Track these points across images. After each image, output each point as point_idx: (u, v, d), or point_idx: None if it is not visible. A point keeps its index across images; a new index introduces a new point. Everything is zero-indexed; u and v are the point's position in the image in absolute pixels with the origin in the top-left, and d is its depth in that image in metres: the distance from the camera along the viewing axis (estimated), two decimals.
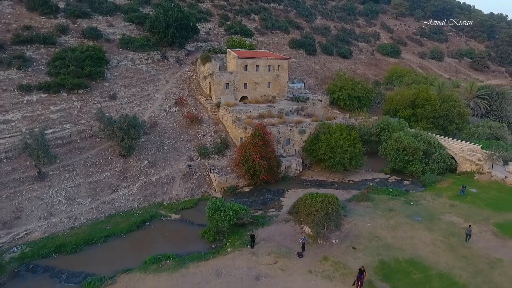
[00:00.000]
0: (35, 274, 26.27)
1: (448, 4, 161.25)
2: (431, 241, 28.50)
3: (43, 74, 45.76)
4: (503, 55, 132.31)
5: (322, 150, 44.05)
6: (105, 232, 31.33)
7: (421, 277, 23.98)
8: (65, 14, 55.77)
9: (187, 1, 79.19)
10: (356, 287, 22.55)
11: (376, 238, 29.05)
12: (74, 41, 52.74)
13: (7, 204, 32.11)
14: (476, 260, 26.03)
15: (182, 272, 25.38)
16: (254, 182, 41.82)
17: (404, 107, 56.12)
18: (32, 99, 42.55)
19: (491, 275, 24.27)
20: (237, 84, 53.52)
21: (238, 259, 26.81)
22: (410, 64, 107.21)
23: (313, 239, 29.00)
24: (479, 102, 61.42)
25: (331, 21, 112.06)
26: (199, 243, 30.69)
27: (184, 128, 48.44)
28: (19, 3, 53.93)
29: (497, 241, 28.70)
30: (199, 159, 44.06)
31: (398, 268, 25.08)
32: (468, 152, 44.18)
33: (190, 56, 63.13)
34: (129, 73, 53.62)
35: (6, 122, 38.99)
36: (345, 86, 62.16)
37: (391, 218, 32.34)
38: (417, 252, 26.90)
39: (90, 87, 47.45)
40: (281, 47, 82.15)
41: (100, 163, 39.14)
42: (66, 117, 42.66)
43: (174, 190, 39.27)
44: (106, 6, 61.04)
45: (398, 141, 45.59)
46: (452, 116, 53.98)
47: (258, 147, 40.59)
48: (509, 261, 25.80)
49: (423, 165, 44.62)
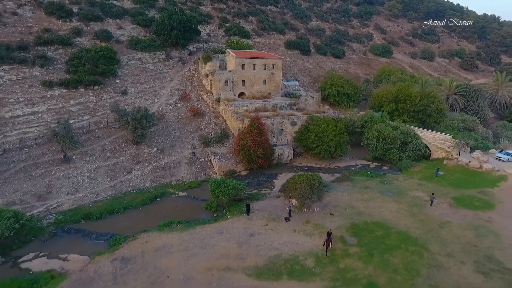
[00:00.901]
0: (70, 235, 32.48)
1: (441, 5, 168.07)
2: (396, 210, 34.86)
3: (63, 72, 52.08)
4: (492, 55, 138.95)
5: (311, 140, 50.40)
6: (123, 205, 37.58)
7: (382, 233, 30.30)
8: (79, 18, 62.08)
9: (189, 5, 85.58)
10: (325, 246, 28.38)
11: (350, 207, 35.39)
12: (88, 42, 59.06)
13: (40, 182, 38.38)
14: (429, 222, 32.38)
15: (191, 231, 31.65)
16: (250, 167, 48.11)
17: (387, 103, 62.50)
18: (55, 93, 48.86)
19: (439, 232, 30.59)
20: (236, 81, 59.84)
21: (236, 223, 33.11)
22: (401, 63, 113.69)
23: (299, 208, 35.31)
24: (457, 98, 67.90)
25: (325, 22, 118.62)
26: (203, 213, 36.94)
27: (188, 120, 54.77)
28: (38, 8, 60.25)
29: (451, 209, 35.05)
30: (202, 147, 50.39)
31: (365, 227, 31.40)
32: (439, 141, 50.62)
33: (192, 56, 69.50)
34: (137, 71, 59.96)
35: (34, 114, 45.27)
36: (335, 84, 68.64)
37: (366, 193, 38.72)
38: (383, 217, 33.25)
39: (103, 84, 53.76)
40: (277, 47, 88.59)
41: (116, 149, 45.44)
42: (84, 109, 48.99)
43: (180, 173, 45.58)
44: (116, 10, 67.43)
45: (378, 131, 51.94)
46: (431, 110, 60.38)
47: (254, 136, 46.90)
48: (456, 223, 32.14)
49: (400, 152, 51.01)
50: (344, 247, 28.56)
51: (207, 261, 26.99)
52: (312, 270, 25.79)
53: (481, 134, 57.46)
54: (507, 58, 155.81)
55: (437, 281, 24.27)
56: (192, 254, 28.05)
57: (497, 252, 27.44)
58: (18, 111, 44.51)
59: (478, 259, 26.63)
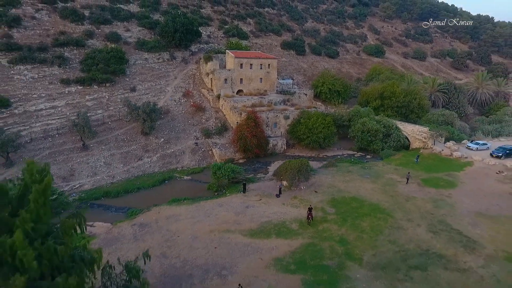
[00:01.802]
0: (92, 208, 38.75)
1: (435, 6, 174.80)
2: (371, 188, 41.20)
3: (78, 71, 58.42)
4: (483, 55, 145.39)
5: (302, 132, 56.75)
6: (136, 186, 43.89)
7: (357, 205, 36.63)
8: (90, 21, 68.43)
9: (190, 8, 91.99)
10: (308, 219, 34.38)
11: (333, 186, 41.74)
12: (99, 44, 65.41)
13: (64, 166, 44.71)
14: (398, 197, 38.72)
15: (196, 205, 37.96)
16: (247, 156, 54.43)
17: (374, 99, 68.85)
18: (72, 90, 55.21)
19: (404, 204, 36.94)
20: (234, 79, 66.20)
21: (234, 199, 39.44)
22: (394, 63, 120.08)
23: (288, 187, 41.63)
24: (439, 95, 74.31)
25: (321, 23, 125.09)
26: (206, 193, 43.18)
27: (191, 115, 61.12)
28: (53, 12, 66.59)
29: (418, 188, 41.39)
30: (204, 138, 56.72)
31: (343, 201, 37.73)
32: (417, 133, 57.00)
33: (194, 56, 75.89)
34: (144, 70, 66.31)
35: (54, 107, 51.60)
36: (327, 82, 75.04)
37: (347, 176, 45.07)
38: (359, 193, 39.59)
39: (114, 81, 60.09)
40: (274, 48, 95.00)
41: (128, 139, 51.78)
42: (98, 104, 55.33)
43: (185, 160, 51.93)
44: (123, 13, 73.83)
45: (363, 125, 58.27)
46: (413, 106, 66.76)
47: (250, 128, 53.23)
48: (420, 198, 38.47)
49: (382, 143, 57.38)
50: (323, 215, 34.89)
51: (210, 226, 33.29)
52: (296, 231, 32.11)
53: (458, 127, 63.83)
54: (498, 58, 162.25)
55: (395, 237, 30.59)
56: (198, 221, 34.35)
57: (449, 218, 33.77)
58: (41, 105, 50.85)
59: (432, 223, 32.95)
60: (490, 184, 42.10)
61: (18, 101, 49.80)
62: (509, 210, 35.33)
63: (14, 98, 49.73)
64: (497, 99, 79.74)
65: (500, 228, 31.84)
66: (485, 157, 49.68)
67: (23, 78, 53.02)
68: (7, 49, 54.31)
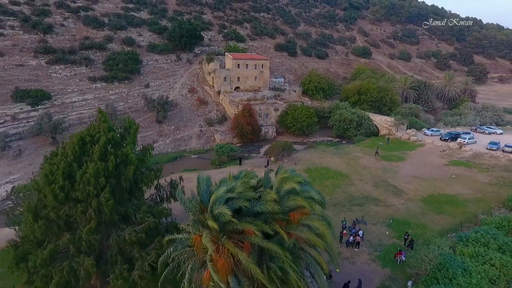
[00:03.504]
0: None
1: (423, 10, 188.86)
2: (339, 161, 54.50)
3: (101, 70, 71.69)
4: (466, 56, 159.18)
5: (289, 121, 70.02)
6: (155, 161, 56.88)
7: (324, 172, 49.91)
8: (109, 27, 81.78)
9: (193, 14, 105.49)
10: None
11: (309, 160, 55.07)
12: (117, 47, 78.73)
13: None
14: (357, 167, 52.05)
15: (202, 172, 50.79)
16: (243, 141, 67.61)
17: (352, 95, 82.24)
18: (97, 86, 68.45)
19: (361, 172, 50.23)
20: (232, 78, 79.50)
21: (232, 168, 52.58)
22: (379, 64, 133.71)
23: (274, 161, 54.90)
24: (411, 92, 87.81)
25: (313, 27, 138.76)
26: (210, 167, 56.37)
27: (196, 107, 74.41)
28: (78, 20, 79.97)
29: (375, 161, 54.68)
30: (207, 126, 69.99)
31: (315, 169, 51.02)
32: (384, 122, 70.45)
33: (197, 57, 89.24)
34: (155, 70, 79.64)
35: (85, 100, 64.82)
36: (313, 80, 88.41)
37: (322, 154, 58.44)
38: (328, 165, 52.89)
39: (131, 79, 73.37)
40: (268, 50, 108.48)
41: (145, 126, 65.01)
42: (119, 98, 68.56)
43: (192, 143, 65.19)
44: (136, 20, 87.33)
45: (340, 115, 71.57)
46: (385, 101, 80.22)
47: (246, 118, 66.46)
48: (374, 167, 51.73)
49: (356, 131, 70.70)
50: None
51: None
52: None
53: (422, 119, 77.28)
54: (483, 59, 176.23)
55: (347, 190, 43.91)
56: None
57: (390, 179, 47.08)
58: (74, 98, 64.07)
59: (377, 181, 46.28)
60: (432, 159, 55.53)
61: (56, 94, 63.02)
62: (437, 175, 48.69)
63: (53, 92, 62.93)
64: (463, 96, 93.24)
65: (424, 184, 45.23)
66: (435, 141, 63.12)
67: (59, 76, 66.26)
68: (44, 52, 67.54)
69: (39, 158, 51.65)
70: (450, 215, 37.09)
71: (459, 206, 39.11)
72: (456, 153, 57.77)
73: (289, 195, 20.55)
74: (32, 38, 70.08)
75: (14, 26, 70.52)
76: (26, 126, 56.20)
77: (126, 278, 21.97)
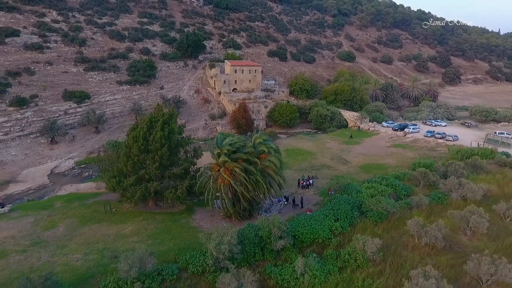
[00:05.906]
0: None
1: (407, 15, 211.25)
2: (310, 145, 76.13)
3: (126, 75, 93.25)
4: (444, 59, 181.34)
5: (276, 116, 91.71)
6: None
7: (298, 151, 71.49)
8: (129, 40, 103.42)
9: (197, 25, 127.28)
10: None
11: (288, 144, 76.74)
12: (136, 56, 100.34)
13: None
14: (323, 148, 73.70)
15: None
16: (239, 132, 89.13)
17: (330, 95, 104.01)
18: (124, 88, 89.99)
19: (324, 151, 71.87)
20: (230, 81, 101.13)
21: None
22: (362, 67, 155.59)
23: None
24: (379, 92, 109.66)
25: (302, 34, 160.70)
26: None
27: (201, 105, 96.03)
28: (104, 34, 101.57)
29: (338, 144, 76.28)
30: (210, 120, 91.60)
31: (291, 150, 72.60)
32: (352, 116, 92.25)
33: (201, 63, 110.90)
34: (167, 74, 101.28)
35: (116, 99, 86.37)
36: (298, 83, 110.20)
37: (299, 140, 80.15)
38: (302, 147, 74.49)
39: (149, 82, 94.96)
40: (261, 56, 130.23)
41: None
42: (141, 97, 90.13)
43: (199, 133, 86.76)
44: (150, 33, 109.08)
45: (318, 111, 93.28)
46: (356, 100, 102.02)
47: (241, 113, 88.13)
48: (335, 148, 73.32)
49: (329, 124, 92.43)
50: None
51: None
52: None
53: (386, 114, 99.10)
54: (462, 61, 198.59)
55: (311, 161, 65.42)
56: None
57: (344, 155, 68.57)
58: (107, 97, 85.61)
59: (333, 157, 67.87)
60: (381, 143, 77.27)
61: (94, 95, 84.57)
62: (379, 153, 70.26)
63: (91, 93, 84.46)
64: (426, 96, 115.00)
65: (366, 158, 66.85)
66: (388, 131, 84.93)
67: (94, 80, 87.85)
68: (82, 61, 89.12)
69: (87, 142, 73.68)
70: (374, 173, 58.70)
71: (382, 169, 60.70)
72: (400, 139, 79.60)
73: (260, 145, 42.04)
74: (71, 50, 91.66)
75: (57, 40, 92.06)
76: (74, 119, 77.74)
77: (173, 194, 43.42)
